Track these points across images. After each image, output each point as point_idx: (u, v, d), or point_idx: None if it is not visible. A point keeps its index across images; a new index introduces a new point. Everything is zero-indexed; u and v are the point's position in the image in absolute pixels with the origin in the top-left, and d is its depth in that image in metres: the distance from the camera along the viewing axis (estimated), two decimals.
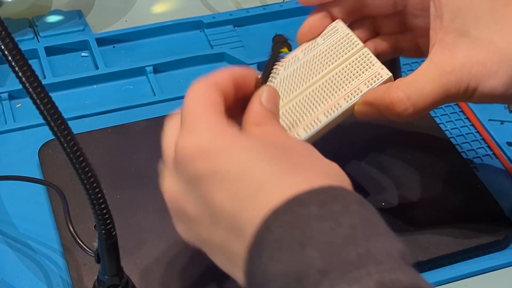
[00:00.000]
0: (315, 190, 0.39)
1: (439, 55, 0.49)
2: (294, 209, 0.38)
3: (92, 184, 0.41)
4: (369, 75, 0.52)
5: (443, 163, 0.62)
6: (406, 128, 0.65)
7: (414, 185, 0.60)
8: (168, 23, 0.76)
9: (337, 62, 0.53)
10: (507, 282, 0.56)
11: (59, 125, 0.39)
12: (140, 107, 0.68)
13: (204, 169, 0.41)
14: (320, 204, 0.38)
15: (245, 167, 0.41)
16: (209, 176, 0.41)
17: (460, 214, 0.58)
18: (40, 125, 0.64)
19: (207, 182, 0.41)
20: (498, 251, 0.58)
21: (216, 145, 0.42)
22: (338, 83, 0.52)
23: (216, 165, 0.41)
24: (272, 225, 0.38)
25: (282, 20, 0.78)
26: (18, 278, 0.54)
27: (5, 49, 0.37)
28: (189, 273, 0.54)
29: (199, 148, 0.42)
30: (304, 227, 0.37)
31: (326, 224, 0.37)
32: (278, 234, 0.38)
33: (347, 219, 0.38)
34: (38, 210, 0.59)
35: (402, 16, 0.55)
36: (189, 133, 0.43)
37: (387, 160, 0.62)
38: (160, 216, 0.58)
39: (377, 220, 0.39)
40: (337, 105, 0.51)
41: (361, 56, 0.53)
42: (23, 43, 0.73)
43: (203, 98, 0.44)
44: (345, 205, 0.39)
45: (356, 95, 0.51)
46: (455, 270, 0.56)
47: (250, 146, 0.42)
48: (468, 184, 0.61)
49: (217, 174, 0.41)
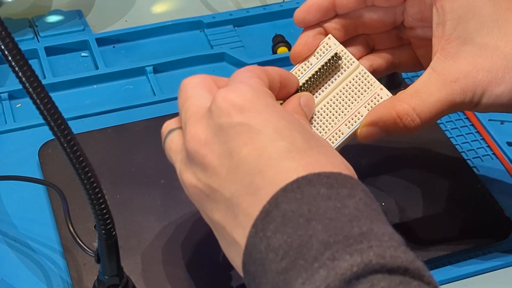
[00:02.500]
0: (326, 173, 0.40)
1: (441, 64, 0.49)
2: (303, 188, 0.39)
3: (92, 184, 0.41)
4: (369, 97, 0.51)
5: (443, 163, 0.62)
6: None
7: (414, 185, 0.60)
8: (168, 23, 0.76)
9: (334, 84, 0.52)
10: (507, 282, 0.56)
11: (59, 125, 0.39)
12: (140, 107, 0.68)
13: (239, 121, 0.42)
14: (329, 186, 0.39)
15: (278, 132, 0.42)
16: (243, 128, 0.42)
17: (460, 214, 0.59)
18: (40, 125, 0.64)
19: (239, 133, 0.42)
20: (498, 251, 0.58)
21: (256, 105, 0.43)
22: (338, 107, 0.51)
23: (252, 121, 0.42)
24: (281, 201, 0.39)
25: (282, 20, 0.78)
26: (18, 278, 0.54)
27: (5, 49, 0.37)
28: (189, 273, 0.54)
29: (240, 102, 0.43)
30: (311, 205, 0.38)
31: (332, 203, 0.38)
32: (285, 210, 0.39)
33: (353, 203, 0.39)
34: (38, 210, 0.59)
35: (398, 29, 0.55)
36: (234, 89, 0.44)
37: (387, 160, 0.62)
38: (160, 216, 0.58)
39: (380, 211, 0.40)
40: (339, 132, 0.51)
41: (357, 76, 0.52)
42: (23, 43, 0.73)
43: (253, 72, 0.46)
44: (352, 192, 0.40)
45: (358, 120, 0.51)
46: (455, 270, 0.56)
47: (287, 116, 0.43)
48: (468, 184, 0.61)
49: (252, 129, 0.42)
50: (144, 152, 0.62)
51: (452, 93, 0.48)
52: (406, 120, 0.49)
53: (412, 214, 0.58)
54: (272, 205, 0.39)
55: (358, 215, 0.38)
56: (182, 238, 0.56)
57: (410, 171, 0.62)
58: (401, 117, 0.49)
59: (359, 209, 0.39)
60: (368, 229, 0.37)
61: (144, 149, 0.62)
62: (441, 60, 0.49)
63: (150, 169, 0.61)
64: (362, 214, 0.38)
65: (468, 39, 0.48)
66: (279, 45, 0.74)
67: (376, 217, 0.39)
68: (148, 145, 0.63)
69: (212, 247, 0.55)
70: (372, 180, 0.60)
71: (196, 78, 0.48)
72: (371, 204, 0.40)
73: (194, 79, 0.48)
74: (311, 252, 0.37)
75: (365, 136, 0.50)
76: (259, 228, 0.39)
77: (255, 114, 0.42)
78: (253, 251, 0.39)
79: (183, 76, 0.71)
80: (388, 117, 0.49)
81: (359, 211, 0.39)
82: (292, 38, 0.75)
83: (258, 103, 0.43)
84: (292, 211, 0.38)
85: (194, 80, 0.48)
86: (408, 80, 0.70)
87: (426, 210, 0.59)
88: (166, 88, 0.70)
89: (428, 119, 0.49)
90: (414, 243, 0.56)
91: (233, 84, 0.45)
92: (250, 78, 0.45)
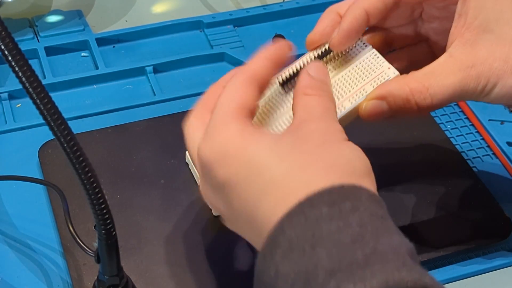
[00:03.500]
0: (327, 190, 0.40)
1: (460, 49, 0.49)
2: (305, 211, 0.40)
3: (92, 184, 0.41)
4: (376, 74, 0.51)
5: (443, 163, 0.62)
6: (406, 128, 0.65)
7: (414, 185, 0.60)
8: (168, 23, 0.76)
9: (344, 66, 0.52)
10: (507, 282, 0.56)
11: (59, 125, 0.39)
12: (140, 107, 0.68)
13: (221, 176, 0.44)
14: (331, 204, 0.39)
15: (255, 169, 0.42)
16: (225, 182, 0.43)
17: (460, 214, 0.59)
18: (40, 125, 0.64)
19: (225, 187, 0.44)
20: (498, 251, 0.58)
21: (228, 148, 0.43)
22: (344, 85, 0.51)
23: (230, 170, 0.43)
24: (286, 226, 0.40)
25: (282, 20, 0.78)
26: (18, 278, 0.54)
27: (5, 49, 0.37)
28: (189, 273, 0.54)
29: (215, 154, 0.44)
30: (315, 228, 0.39)
31: (335, 224, 0.38)
32: (291, 235, 0.39)
33: (356, 217, 0.39)
34: (38, 210, 0.59)
35: (415, 24, 0.55)
36: (207, 138, 0.45)
37: (387, 160, 0.62)
38: (160, 216, 0.58)
39: (387, 216, 0.40)
40: (341, 107, 0.50)
41: (368, 58, 0.52)
42: (23, 43, 0.73)
43: (232, 99, 0.46)
44: (355, 203, 0.39)
45: (361, 96, 0.50)
46: (455, 270, 0.56)
47: (261, 146, 0.43)
48: (468, 184, 0.61)
49: (231, 179, 0.43)
50: (144, 152, 0.62)
51: (467, 78, 0.48)
52: (419, 98, 0.48)
53: (412, 214, 0.58)
54: (278, 231, 0.40)
55: (362, 232, 0.38)
56: (182, 238, 0.56)
57: (410, 171, 0.62)
58: (414, 94, 0.48)
59: (363, 225, 0.39)
60: (372, 249, 0.37)
61: (144, 149, 0.62)
62: (459, 46, 0.49)
63: (150, 169, 0.61)
64: (366, 230, 0.38)
65: (488, 29, 0.48)
66: None
67: (382, 226, 0.39)
68: (148, 145, 0.63)
69: (212, 247, 0.55)
70: None
71: (189, 117, 0.49)
72: (376, 211, 0.40)
73: (188, 119, 0.49)
74: (317, 280, 0.37)
75: (370, 111, 0.49)
76: (267, 253, 0.40)
77: (229, 160, 0.43)
78: (263, 275, 0.40)
79: (183, 76, 0.72)
80: (400, 93, 0.48)
81: (363, 227, 0.38)
82: (292, 38, 0.74)
83: (229, 145, 0.44)
84: (297, 236, 0.39)
85: (188, 121, 0.49)
86: None
87: (426, 210, 0.59)
88: (166, 88, 0.70)
89: (439, 102, 0.48)
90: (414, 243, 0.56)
91: (211, 132, 0.45)
92: (230, 111, 0.45)
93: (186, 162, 0.61)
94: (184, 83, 0.71)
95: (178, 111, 0.66)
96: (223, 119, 0.45)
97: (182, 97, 0.69)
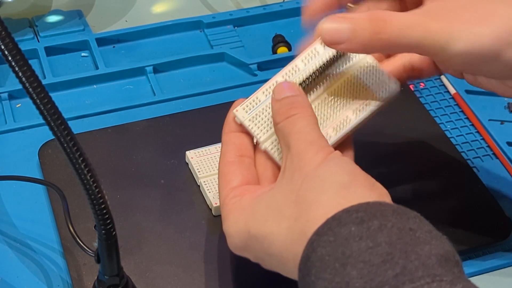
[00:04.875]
0: (354, 207, 0.41)
1: (428, 4, 0.48)
2: (334, 229, 0.41)
3: (92, 184, 0.41)
4: (378, 87, 0.51)
5: (443, 163, 0.62)
6: (407, 128, 0.65)
7: (414, 185, 0.60)
8: (168, 23, 0.76)
9: (340, 72, 0.51)
10: (507, 282, 0.56)
11: (59, 125, 0.39)
12: (140, 107, 0.68)
13: (244, 255, 0.48)
14: (359, 222, 0.40)
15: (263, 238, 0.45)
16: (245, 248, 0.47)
17: (460, 214, 0.58)
18: (40, 125, 0.64)
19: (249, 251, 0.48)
20: (498, 251, 0.58)
21: (247, 240, 0.47)
22: (345, 95, 0.51)
23: (253, 251, 0.47)
24: (316, 245, 0.41)
25: (282, 20, 0.78)
26: (18, 278, 0.54)
27: (5, 49, 0.37)
28: (189, 273, 0.54)
29: (235, 248, 0.48)
30: (344, 247, 0.40)
31: (364, 243, 0.39)
32: (322, 254, 0.40)
33: (385, 236, 0.39)
34: (38, 210, 0.59)
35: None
36: (227, 235, 0.48)
37: (387, 161, 0.62)
38: (160, 216, 0.58)
39: (416, 227, 0.41)
40: (346, 119, 0.50)
41: (365, 65, 0.51)
42: (23, 43, 0.73)
43: (223, 188, 0.49)
44: (383, 221, 0.40)
45: (366, 109, 0.50)
46: None
47: (258, 214, 0.46)
48: (468, 184, 0.61)
49: (258, 255, 0.47)
50: (144, 152, 0.62)
51: (430, 19, 0.46)
52: (379, 21, 0.46)
53: None
54: (310, 250, 0.41)
55: (391, 251, 0.39)
56: (182, 238, 0.56)
57: (410, 171, 0.62)
58: (372, 19, 0.46)
59: (391, 243, 0.39)
60: (402, 268, 0.38)
61: (144, 149, 0.62)
62: (429, 2, 0.48)
63: (150, 169, 0.61)
64: (395, 248, 0.39)
65: None
66: (279, 45, 0.74)
67: (411, 240, 0.39)
68: (148, 145, 0.63)
69: (212, 247, 0.55)
70: None
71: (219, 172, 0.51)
72: (404, 225, 0.40)
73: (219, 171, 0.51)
74: None
75: (331, 27, 0.47)
76: (304, 273, 0.41)
77: (251, 247, 0.47)
78: None
79: (183, 76, 0.72)
80: (363, 15, 0.47)
81: (392, 245, 0.39)
82: (292, 38, 0.75)
83: (244, 238, 0.47)
84: (328, 254, 0.40)
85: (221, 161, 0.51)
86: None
87: (426, 210, 0.59)
88: (166, 88, 0.70)
89: (397, 35, 0.46)
90: None
91: (224, 230, 0.48)
92: (224, 196, 0.49)
93: (186, 162, 0.61)
94: (184, 83, 0.71)
95: (178, 111, 0.66)
96: (224, 212, 0.49)
97: (182, 97, 0.69)
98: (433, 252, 0.39)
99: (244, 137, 0.51)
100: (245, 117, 0.50)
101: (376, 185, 0.45)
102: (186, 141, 0.62)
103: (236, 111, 0.50)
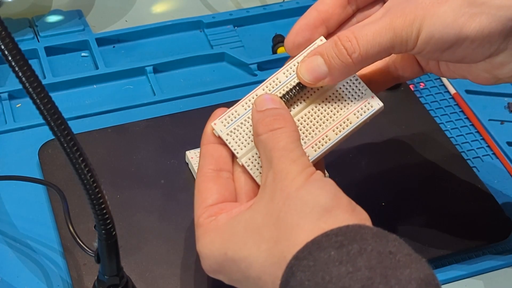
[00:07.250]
0: (334, 231, 0.41)
1: (392, 3, 0.48)
2: (314, 254, 0.40)
3: (92, 184, 0.41)
4: (359, 104, 0.50)
5: (443, 163, 0.62)
6: (407, 128, 0.65)
7: (414, 185, 0.61)
8: (168, 23, 0.76)
9: (322, 88, 0.50)
10: (507, 282, 0.56)
11: (59, 125, 0.39)
12: (140, 107, 0.68)
13: (219, 277, 0.48)
14: (338, 246, 0.40)
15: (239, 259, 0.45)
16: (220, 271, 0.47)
17: (460, 214, 0.59)
18: (40, 125, 0.64)
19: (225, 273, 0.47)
20: (498, 251, 0.58)
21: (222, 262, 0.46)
22: (326, 112, 0.50)
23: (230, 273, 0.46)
24: (296, 270, 0.40)
25: (282, 20, 0.78)
26: (18, 278, 0.54)
27: (5, 49, 0.37)
28: (189, 273, 0.54)
29: (210, 270, 0.48)
30: (324, 271, 0.39)
31: (344, 268, 0.39)
32: (301, 279, 0.40)
33: (365, 260, 0.39)
34: (38, 210, 0.59)
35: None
36: (201, 257, 0.48)
37: (387, 161, 0.62)
38: (160, 216, 0.58)
39: (395, 250, 0.40)
40: (326, 137, 0.49)
41: (348, 81, 0.50)
42: (23, 43, 0.73)
43: (206, 202, 0.48)
44: (363, 245, 0.40)
45: (346, 127, 0.49)
46: (455, 270, 0.56)
47: (236, 236, 0.45)
48: (468, 184, 0.61)
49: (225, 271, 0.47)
50: (144, 152, 0.62)
51: (392, 17, 0.47)
52: (347, 44, 0.47)
53: (412, 214, 0.58)
54: (289, 275, 0.40)
55: (371, 276, 0.38)
56: (182, 238, 0.56)
57: (410, 172, 0.62)
58: (341, 39, 0.47)
59: (371, 267, 0.39)
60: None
61: (144, 149, 0.62)
62: (393, 2, 0.48)
63: (150, 169, 0.61)
64: (375, 272, 0.38)
65: None
66: (279, 45, 0.74)
67: (390, 265, 0.39)
68: (148, 145, 0.63)
69: None
70: (372, 180, 0.60)
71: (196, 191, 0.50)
72: (384, 249, 0.40)
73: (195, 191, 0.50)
74: None
75: (308, 70, 0.48)
76: None
77: (227, 270, 0.46)
78: None
79: (183, 76, 0.72)
80: (330, 43, 0.48)
81: (372, 270, 0.39)
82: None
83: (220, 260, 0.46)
84: (308, 279, 0.39)
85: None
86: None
87: (426, 210, 0.59)
88: (166, 88, 0.70)
89: (369, 46, 0.47)
90: (414, 243, 0.56)
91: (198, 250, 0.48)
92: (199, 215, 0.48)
93: (186, 162, 0.61)
94: (184, 83, 0.71)
95: (178, 111, 0.66)
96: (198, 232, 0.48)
97: (182, 97, 0.69)
98: (413, 276, 0.38)
99: (222, 149, 0.50)
100: (223, 131, 0.49)
101: (358, 210, 0.44)
102: (186, 141, 0.62)
103: (214, 124, 0.49)
